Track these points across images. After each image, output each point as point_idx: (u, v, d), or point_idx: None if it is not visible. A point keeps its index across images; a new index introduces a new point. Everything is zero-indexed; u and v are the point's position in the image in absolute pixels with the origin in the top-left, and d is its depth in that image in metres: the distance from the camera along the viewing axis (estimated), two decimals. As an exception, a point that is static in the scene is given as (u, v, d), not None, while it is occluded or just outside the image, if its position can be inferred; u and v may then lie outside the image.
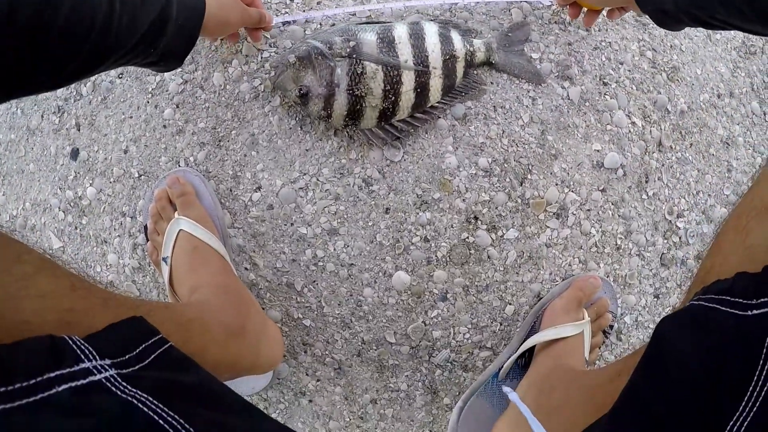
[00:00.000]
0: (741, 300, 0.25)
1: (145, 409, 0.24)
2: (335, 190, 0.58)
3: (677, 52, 0.66)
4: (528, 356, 0.55)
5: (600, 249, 0.61)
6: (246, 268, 0.60)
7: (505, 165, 0.58)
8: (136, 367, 0.27)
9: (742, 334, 0.24)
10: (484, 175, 0.58)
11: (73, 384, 0.23)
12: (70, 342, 0.25)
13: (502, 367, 0.54)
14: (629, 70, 0.64)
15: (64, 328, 0.30)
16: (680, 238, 0.66)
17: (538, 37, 0.61)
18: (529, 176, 0.59)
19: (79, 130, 0.67)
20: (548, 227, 0.59)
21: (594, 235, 0.61)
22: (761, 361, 0.22)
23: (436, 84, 0.55)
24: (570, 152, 0.60)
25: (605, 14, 0.58)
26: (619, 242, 0.62)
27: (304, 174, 0.59)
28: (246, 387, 0.59)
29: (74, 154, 0.67)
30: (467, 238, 0.58)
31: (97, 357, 0.25)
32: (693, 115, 0.66)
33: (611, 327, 0.62)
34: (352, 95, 0.54)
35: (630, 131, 0.63)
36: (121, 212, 0.66)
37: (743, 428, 0.21)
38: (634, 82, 0.64)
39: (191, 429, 0.24)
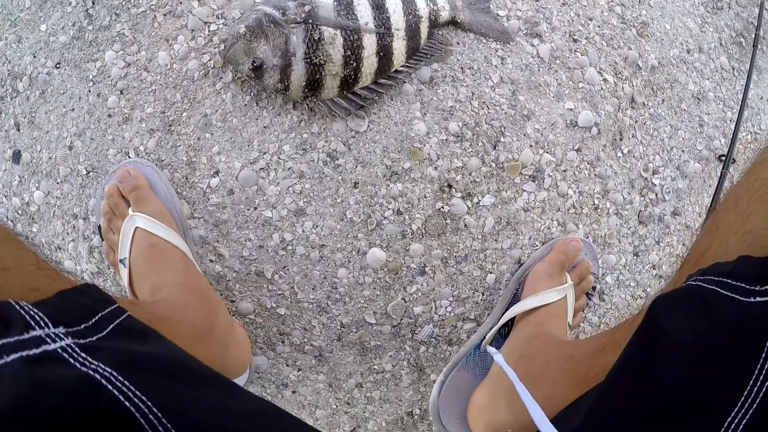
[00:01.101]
0: (744, 285, 0.23)
1: (109, 386, 0.21)
2: (299, 168, 0.55)
3: (645, 7, 0.64)
4: (511, 325, 0.54)
5: (578, 210, 0.60)
6: (211, 260, 0.57)
7: (477, 128, 0.55)
8: (94, 337, 0.24)
9: (744, 323, 0.22)
10: (455, 140, 0.55)
11: (24, 353, 0.20)
12: (17, 307, 0.22)
13: (485, 337, 0.52)
14: (599, 26, 0.62)
15: None
16: (656, 194, 0.65)
17: (502, -8, 0.58)
18: (502, 139, 0.56)
19: (18, 130, 0.61)
20: (525, 191, 0.57)
21: (571, 196, 0.59)
22: (764, 354, 0.20)
23: (399, 47, 0.52)
24: (543, 112, 0.58)
25: None
26: (596, 202, 0.61)
27: (264, 153, 0.55)
28: None
29: (16, 156, 0.62)
30: (442, 207, 0.55)
31: (50, 324, 0.22)
32: (664, 70, 0.65)
33: (594, 289, 0.61)
34: (310, 64, 0.50)
35: (602, 88, 0.61)
36: (73, 214, 0.61)
37: (742, 424, 0.20)
38: (604, 38, 0.62)
39: (158, 408, 0.22)
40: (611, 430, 0.24)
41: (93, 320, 0.25)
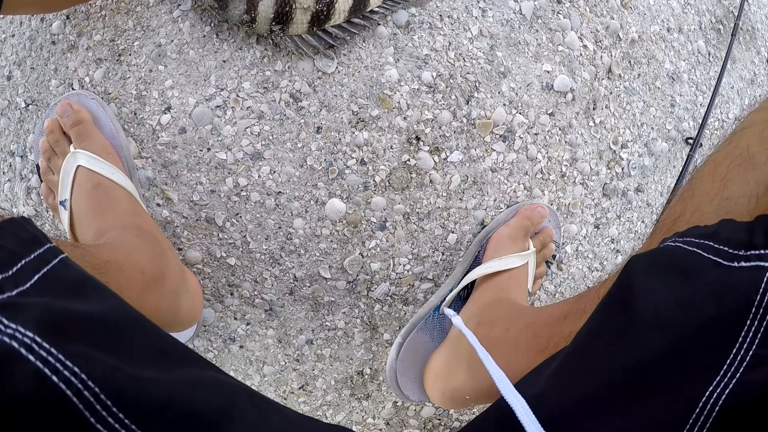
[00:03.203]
0: (726, 248, 0.22)
1: (31, 357, 0.17)
2: (258, 108, 0.51)
3: (631, -25, 0.63)
4: (471, 288, 0.53)
5: (545, 176, 0.59)
6: (158, 204, 0.53)
7: (451, 81, 0.53)
8: (14, 292, 0.19)
9: (727, 289, 0.21)
10: (427, 91, 0.52)
11: None
12: None
13: (444, 299, 0.51)
14: (582, -13, 0.60)
15: None
16: (623, 169, 0.65)
17: (487, -62, 0.55)
18: (475, 94, 0.54)
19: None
20: (494, 150, 0.55)
21: (540, 161, 0.58)
22: (748, 321, 0.19)
23: (374, -18, 0.48)
24: (519, 71, 0.56)
25: None
26: (564, 169, 0.60)
27: (222, 90, 0.51)
28: None
29: (-59, 81, 0.56)
30: (408, 160, 0.53)
31: None
32: (643, 45, 0.64)
33: (554, 257, 0.61)
34: (275, -9, 0.46)
35: (581, 54, 0.59)
36: (9, 152, 0.56)
37: (725, 394, 0.19)
38: (588, 3, 0.60)
39: (94, 383, 0.18)
40: (578, 395, 0.22)
41: (14, 268, 0.20)
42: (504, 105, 0.55)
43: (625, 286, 0.24)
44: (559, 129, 0.59)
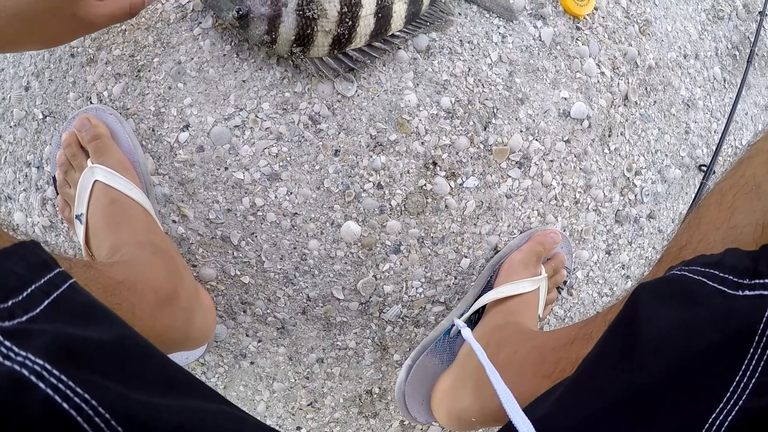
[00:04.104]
0: (731, 277, 0.22)
1: (41, 385, 0.17)
2: (277, 129, 0.51)
3: (651, 5, 0.63)
4: (482, 312, 0.53)
5: (559, 202, 0.59)
6: (174, 221, 0.53)
7: (469, 107, 0.53)
8: (24, 317, 0.20)
9: (731, 317, 0.21)
10: (445, 116, 0.52)
11: None
12: None
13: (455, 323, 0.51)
14: (603, 17, 0.60)
15: None
16: (635, 195, 0.65)
17: (510, -35, 0.55)
18: (493, 120, 0.54)
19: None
20: (510, 177, 0.56)
21: (555, 188, 0.58)
22: (751, 350, 0.20)
23: (399, 10, 0.48)
24: (537, 98, 0.56)
25: None
26: (578, 196, 0.60)
27: (241, 109, 0.51)
28: (180, 358, 0.53)
29: (-37, 91, 0.56)
30: (424, 185, 0.53)
31: None
32: (659, 72, 0.64)
33: (564, 283, 0.61)
34: (302, 17, 0.46)
35: (599, 81, 0.59)
36: (26, 162, 0.56)
37: (728, 420, 0.19)
38: (607, 30, 0.60)
39: (105, 409, 0.18)
40: (583, 416, 0.23)
41: (24, 294, 0.21)
42: (521, 131, 0.55)
43: (631, 313, 0.25)
44: (575, 156, 0.59)
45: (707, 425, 0.19)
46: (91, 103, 0.53)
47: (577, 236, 0.61)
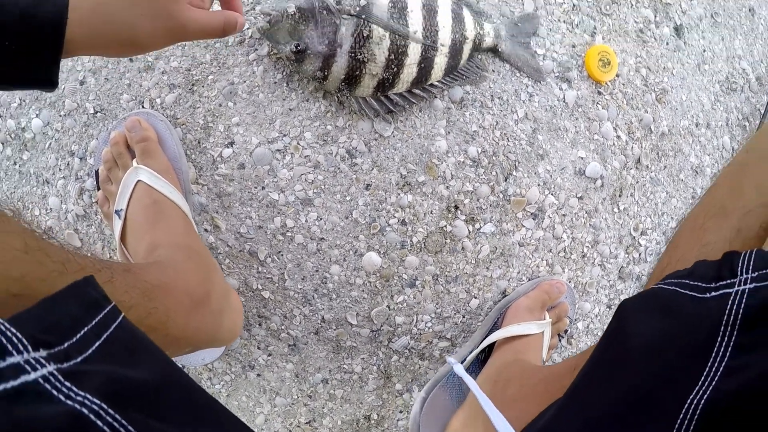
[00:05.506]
0: (700, 283, 0.27)
1: (99, 423, 0.19)
2: (315, 158, 0.54)
3: (668, 75, 0.67)
4: (488, 352, 0.55)
5: (567, 255, 0.62)
6: (206, 230, 0.56)
7: (494, 158, 0.57)
8: (79, 358, 0.21)
9: (701, 316, 0.25)
10: (471, 164, 0.56)
11: (1, 387, 0.18)
12: None
13: (465, 360, 0.54)
14: (623, 84, 0.64)
15: (12, 301, 0.24)
16: (640, 254, 0.68)
17: (545, 32, 0.59)
18: (514, 173, 0.58)
19: None
20: (524, 226, 0.59)
21: (564, 240, 0.61)
22: (719, 339, 0.24)
23: (440, 62, 0.53)
24: (556, 155, 0.60)
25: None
26: (585, 250, 0.63)
27: (284, 135, 0.54)
28: (196, 358, 0.55)
29: (18, 75, 0.59)
30: (445, 226, 0.56)
31: (30, 348, 0.19)
32: (672, 139, 0.68)
33: (565, 332, 0.63)
34: (353, 59, 0.50)
35: (614, 144, 0.63)
36: (70, 151, 0.59)
37: (704, 399, 0.22)
38: (626, 97, 0.64)
39: None
40: (583, 421, 0.26)
41: (78, 335, 0.22)
42: (538, 185, 0.59)
43: (618, 325, 0.29)
44: (586, 212, 0.62)
45: (687, 404, 0.23)
46: (143, 107, 0.56)
47: (582, 288, 0.64)
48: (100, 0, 0.32)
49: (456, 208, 0.56)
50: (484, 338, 0.55)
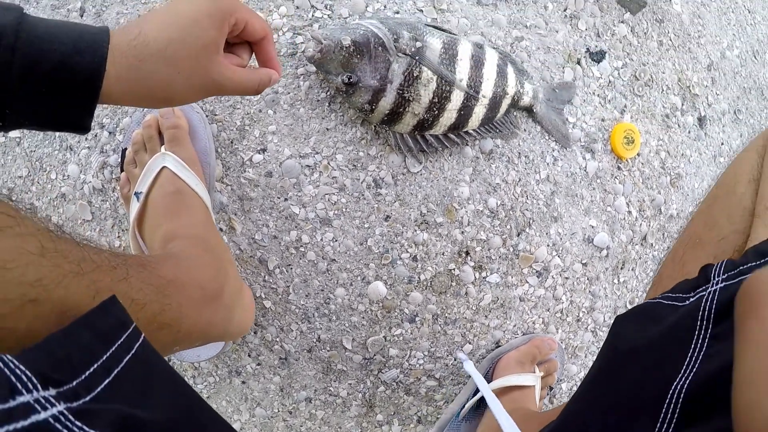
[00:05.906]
0: (680, 295, 0.31)
1: None
2: (343, 180, 0.55)
3: (685, 162, 0.70)
4: (479, 403, 0.56)
5: (563, 316, 0.64)
6: (221, 229, 0.56)
7: (511, 212, 0.58)
8: (88, 397, 0.21)
9: (681, 317, 0.29)
10: (489, 215, 0.58)
11: (12, 427, 0.17)
12: (1, 365, 0.19)
13: (464, 407, 0.55)
14: (642, 163, 0.67)
15: (28, 307, 0.24)
16: (629, 326, 0.70)
17: (579, 102, 0.62)
18: (527, 230, 0.59)
19: (81, 17, 0.59)
20: (527, 282, 0.60)
21: (563, 302, 0.63)
22: (696, 332, 0.27)
23: (479, 112, 0.55)
24: (569, 220, 0.62)
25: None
26: (581, 315, 0.65)
27: (317, 153, 0.55)
28: (191, 354, 0.54)
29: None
30: (453, 269, 0.57)
31: (39, 386, 0.19)
32: (678, 222, 0.71)
33: (550, 389, 0.64)
34: (400, 96, 0.51)
35: (624, 218, 0.66)
36: (100, 123, 0.59)
37: (685, 385, 0.26)
38: (642, 176, 0.67)
39: None
40: (584, 420, 0.30)
41: (87, 373, 0.22)
42: (548, 246, 0.60)
43: (611, 343, 0.33)
44: (588, 279, 0.64)
45: (674, 385, 0.26)
46: (180, 98, 0.57)
47: (571, 350, 0.66)
48: (139, 56, 0.31)
49: (467, 253, 0.58)
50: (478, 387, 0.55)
